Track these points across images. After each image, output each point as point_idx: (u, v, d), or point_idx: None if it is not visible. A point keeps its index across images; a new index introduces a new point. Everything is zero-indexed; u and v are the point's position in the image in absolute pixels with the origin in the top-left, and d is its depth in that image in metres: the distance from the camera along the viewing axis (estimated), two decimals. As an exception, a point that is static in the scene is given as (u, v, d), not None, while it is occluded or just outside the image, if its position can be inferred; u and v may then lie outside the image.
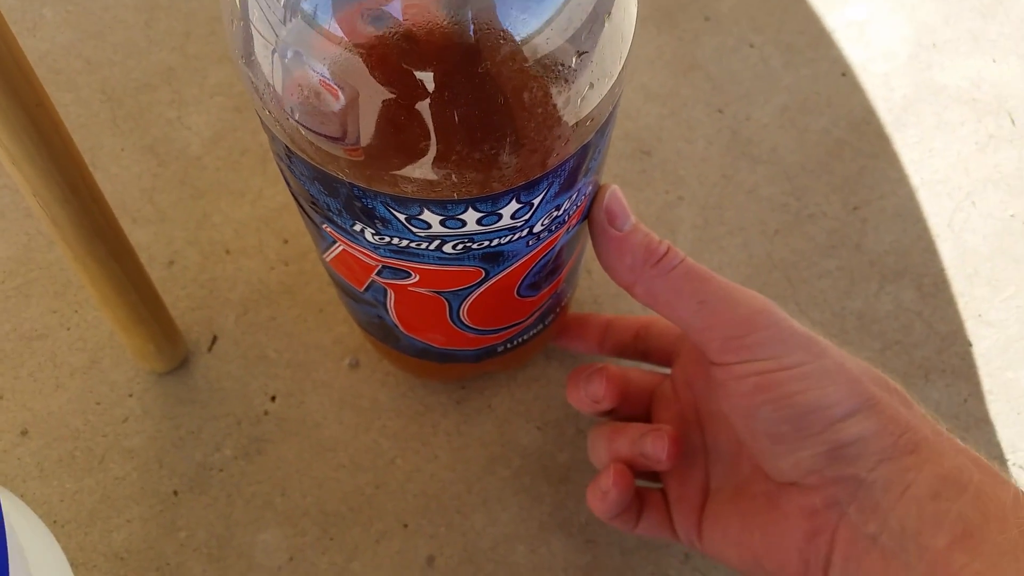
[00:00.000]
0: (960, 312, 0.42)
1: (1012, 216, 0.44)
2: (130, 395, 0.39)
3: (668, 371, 0.36)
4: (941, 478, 0.25)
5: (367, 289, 0.28)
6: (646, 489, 0.34)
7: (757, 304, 0.28)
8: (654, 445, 0.31)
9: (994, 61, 0.48)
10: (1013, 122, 0.46)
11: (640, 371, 0.36)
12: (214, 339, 0.40)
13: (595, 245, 0.29)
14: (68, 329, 0.40)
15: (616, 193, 0.29)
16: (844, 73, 0.47)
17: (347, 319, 0.40)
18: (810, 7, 0.49)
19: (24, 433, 0.38)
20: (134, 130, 0.44)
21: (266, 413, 0.39)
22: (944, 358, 0.41)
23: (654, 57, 0.47)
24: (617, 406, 0.34)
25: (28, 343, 0.39)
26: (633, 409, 0.35)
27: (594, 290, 0.42)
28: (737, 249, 0.43)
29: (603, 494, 0.32)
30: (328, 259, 0.28)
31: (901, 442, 0.26)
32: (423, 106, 0.19)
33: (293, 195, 0.26)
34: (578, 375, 0.35)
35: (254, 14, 0.20)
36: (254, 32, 0.20)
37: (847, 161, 0.45)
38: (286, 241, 0.42)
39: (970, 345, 0.41)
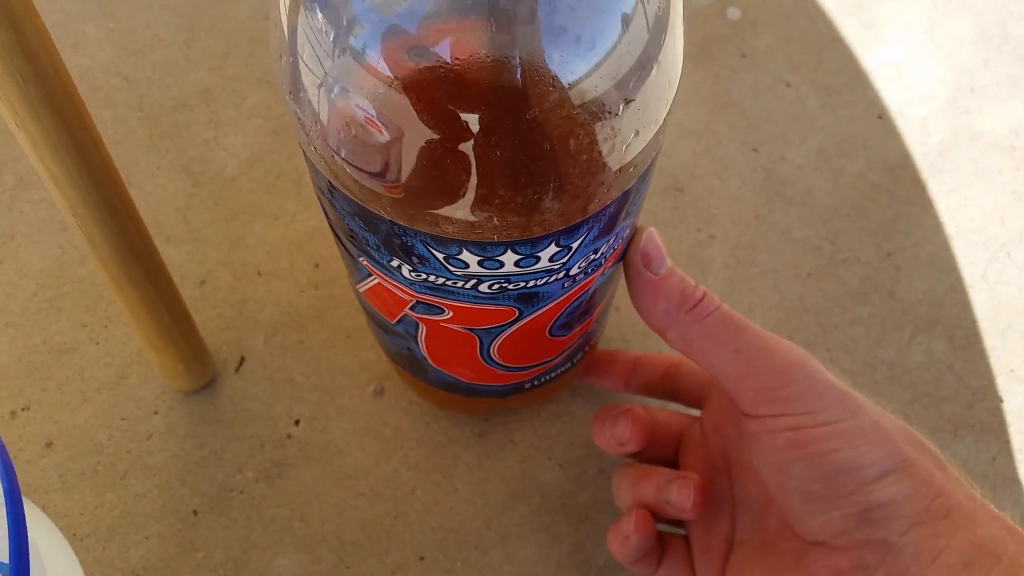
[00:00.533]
0: (992, 366, 0.41)
1: (1048, 268, 0.43)
2: (156, 412, 0.39)
3: (697, 413, 0.35)
4: (974, 547, 0.24)
5: (399, 322, 0.28)
6: (669, 534, 0.34)
7: (793, 355, 0.27)
8: (680, 494, 0.31)
9: (1034, 109, 0.47)
10: (1052, 172, 0.46)
11: (668, 412, 0.36)
12: (242, 360, 0.40)
13: (630, 288, 0.29)
14: (97, 344, 0.40)
15: (653, 236, 0.29)
16: (881, 116, 0.47)
17: (374, 346, 0.40)
18: (847, 47, 0.48)
19: (49, 445, 0.38)
20: (170, 149, 0.44)
21: (289, 437, 0.39)
22: (974, 413, 0.40)
23: (690, 93, 0.47)
24: (643, 448, 0.34)
25: (57, 356, 0.40)
26: (660, 451, 0.35)
27: (622, 327, 0.42)
28: (769, 291, 0.42)
29: (624, 538, 0.32)
30: (362, 290, 0.28)
31: (934, 507, 0.25)
32: (468, 148, 0.19)
33: (331, 227, 0.26)
34: (604, 415, 0.34)
35: (303, 50, 0.20)
36: (302, 67, 0.20)
37: (882, 206, 0.44)
38: (317, 265, 0.42)
39: (1001, 401, 0.40)
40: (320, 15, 0.19)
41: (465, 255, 0.22)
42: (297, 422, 0.39)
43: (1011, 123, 0.47)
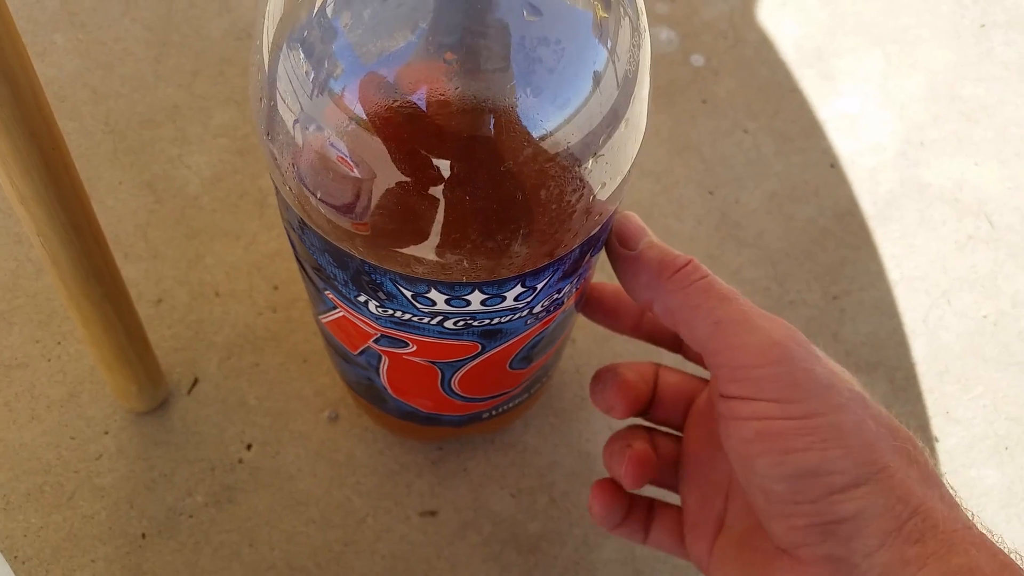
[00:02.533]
0: (928, 408, 0.43)
1: (984, 317, 0.45)
2: (106, 432, 0.38)
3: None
4: None
5: (361, 353, 0.29)
6: (660, 503, 0.32)
7: (777, 335, 0.24)
8: (618, 466, 0.30)
9: (976, 164, 0.49)
10: (992, 224, 0.48)
11: (681, 375, 0.33)
12: (195, 381, 0.40)
13: (615, 271, 0.28)
14: (49, 360, 0.39)
15: (627, 218, 0.27)
16: (833, 164, 0.48)
17: (330, 371, 0.40)
18: (804, 97, 0.50)
19: (-6, 463, 0.37)
20: (134, 164, 0.44)
21: (240, 461, 0.38)
22: (914, 453, 0.41)
23: (651, 135, 0.48)
24: (647, 410, 0.32)
25: (7, 371, 0.39)
26: (668, 415, 0.32)
27: (576, 359, 0.42)
28: (719, 329, 0.43)
29: (589, 506, 0.31)
30: (324, 321, 0.29)
31: (907, 528, 0.22)
32: (442, 193, 0.20)
33: (297, 259, 0.27)
34: (601, 379, 0.32)
35: (282, 89, 0.20)
36: (280, 107, 0.21)
37: (830, 251, 0.46)
38: (276, 287, 0.42)
39: (936, 441, 0.42)
40: (301, 55, 0.20)
41: (433, 294, 0.23)
42: (249, 446, 0.39)
43: (955, 177, 0.49)
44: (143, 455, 0.38)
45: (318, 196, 0.21)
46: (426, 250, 0.21)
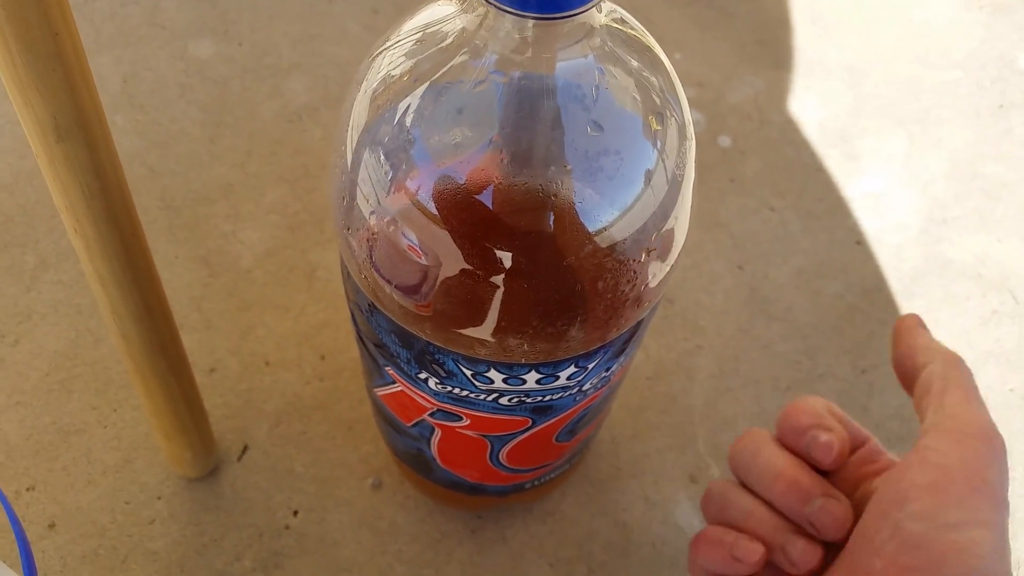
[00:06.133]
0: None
1: (1011, 391, 0.46)
2: (159, 497, 0.40)
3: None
4: None
5: (415, 425, 0.30)
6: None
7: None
8: (802, 554, 0.28)
9: (999, 240, 0.51)
10: (1015, 299, 0.49)
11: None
12: (245, 448, 0.41)
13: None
14: (105, 427, 0.41)
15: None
16: (859, 241, 0.50)
17: (375, 438, 0.42)
18: (829, 177, 0.52)
19: (52, 526, 0.39)
20: (189, 239, 0.46)
21: (287, 527, 0.40)
22: (945, 527, 0.42)
23: (682, 212, 0.50)
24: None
25: (65, 437, 0.41)
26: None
27: (612, 430, 0.43)
28: (750, 401, 0.45)
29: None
30: (380, 394, 0.30)
31: None
32: (505, 284, 0.21)
33: (359, 336, 0.28)
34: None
35: (362, 187, 0.22)
36: (360, 204, 0.22)
37: (858, 325, 0.47)
38: (323, 357, 0.44)
39: (970, 515, 0.43)
40: (381, 157, 0.22)
41: (492, 373, 0.24)
42: (296, 512, 0.40)
43: (978, 253, 0.50)
44: (194, 520, 0.39)
45: (393, 284, 0.22)
46: (489, 334, 0.23)
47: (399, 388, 0.28)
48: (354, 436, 0.42)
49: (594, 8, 0.18)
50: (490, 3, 0.18)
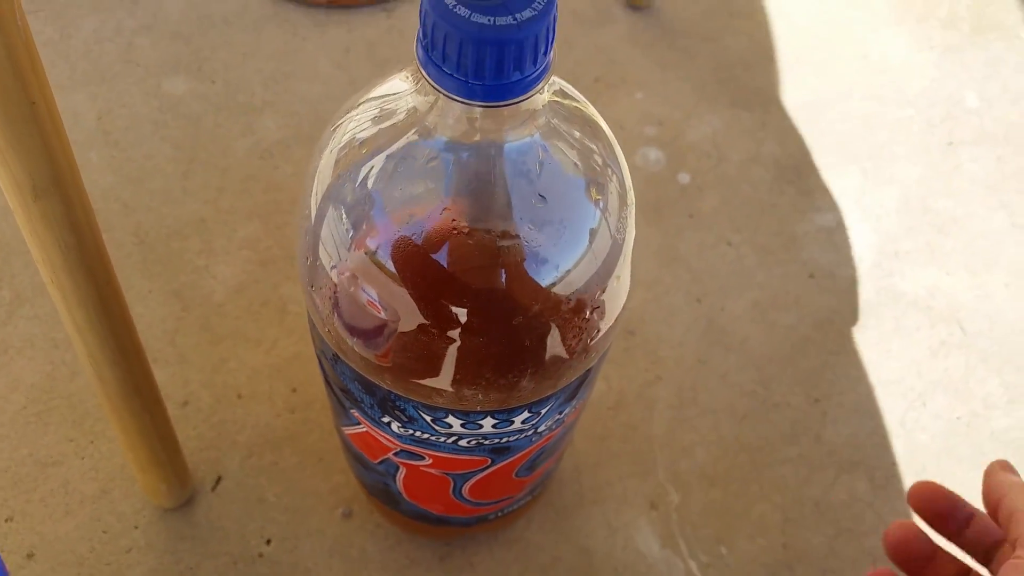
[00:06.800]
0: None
1: (958, 418, 0.48)
2: (136, 527, 0.41)
3: None
4: None
5: (381, 463, 0.32)
6: None
7: None
8: None
9: (948, 273, 0.53)
10: (963, 331, 0.51)
11: None
12: (218, 479, 0.42)
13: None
14: (82, 458, 0.42)
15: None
16: (812, 275, 0.52)
17: (345, 469, 0.43)
18: (785, 212, 0.54)
19: (30, 556, 0.40)
20: (162, 274, 0.47)
21: (260, 555, 0.41)
22: (892, 551, 0.44)
23: (641, 247, 0.52)
24: None
25: (43, 468, 0.42)
26: None
27: (576, 459, 0.45)
28: (708, 430, 0.46)
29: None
30: (347, 433, 0.32)
31: None
32: (463, 340, 0.23)
33: (326, 380, 0.30)
34: None
35: (325, 246, 0.24)
36: (323, 257, 0.24)
37: (811, 357, 0.49)
38: (294, 390, 0.45)
39: (916, 539, 0.44)
40: (343, 217, 0.23)
41: (450, 419, 0.26)
42: (268, 541, 0.41)
43: (928, 286, 0.52)
44: (170, 549, 0.40)
45: (354, 337, 0.24)
46: (446, 384, 0.24)
47: (364, 429, 0.30)
48: (325, 467, 0.43)
49: (537, 93, 0.20)
50: (439, 91, 0.20)
